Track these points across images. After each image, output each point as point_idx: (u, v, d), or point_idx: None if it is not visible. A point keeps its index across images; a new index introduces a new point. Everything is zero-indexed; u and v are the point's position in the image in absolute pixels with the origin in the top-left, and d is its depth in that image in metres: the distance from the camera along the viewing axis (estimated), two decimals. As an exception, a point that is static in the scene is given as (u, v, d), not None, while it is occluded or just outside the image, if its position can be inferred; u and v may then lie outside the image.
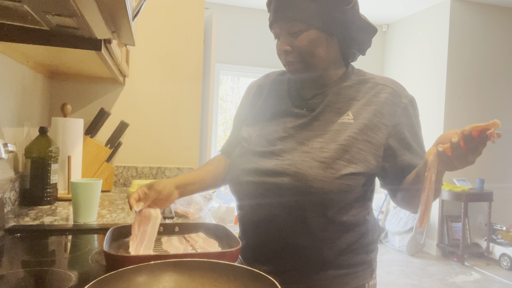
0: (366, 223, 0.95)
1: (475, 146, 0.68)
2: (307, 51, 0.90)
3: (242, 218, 0.99)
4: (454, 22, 4.43)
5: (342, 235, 0.90)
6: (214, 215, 3.85)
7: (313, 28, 0.88)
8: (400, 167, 0.89)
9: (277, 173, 0.88)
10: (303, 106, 0.96)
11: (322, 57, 0.91)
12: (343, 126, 0.89)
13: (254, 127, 1.01)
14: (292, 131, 0.93)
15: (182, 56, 2.11)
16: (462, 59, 4.47)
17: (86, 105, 1.97)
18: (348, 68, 0.97)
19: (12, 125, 1.39)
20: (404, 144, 0.89)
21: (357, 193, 0.89)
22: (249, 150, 0.97)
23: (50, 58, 1.40)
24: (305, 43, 0.89)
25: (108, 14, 0.77)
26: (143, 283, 0.63)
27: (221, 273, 0.66)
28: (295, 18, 0.88)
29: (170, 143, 2.09)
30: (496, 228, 4.28)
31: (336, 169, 0.85)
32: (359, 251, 0.93)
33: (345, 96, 0.93)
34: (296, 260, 0.91)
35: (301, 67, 0.92)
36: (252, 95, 1.08)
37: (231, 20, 4.82)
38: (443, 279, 3.68)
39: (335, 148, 0.87)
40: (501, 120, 4.58)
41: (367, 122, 0.89)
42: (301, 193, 0.85)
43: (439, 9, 4.54)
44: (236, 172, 0.98)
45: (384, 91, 0.92)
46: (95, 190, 1.22)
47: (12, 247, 0.95)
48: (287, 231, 0.89)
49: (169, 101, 2.09)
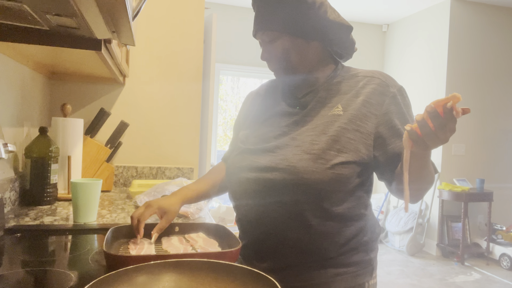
0: (364, 219, 0.95)
1: (442, 123, 0.68)
2: (282, 58, 0.95)
3: (240, 218, 1.00)
4: (454, 22, 4.43)
5: (341, 229, 0.91)
6: (214, 215, 3.85)
7: (286, 35, 0.93)
8: (391, 155, 0.89)
9: (270, 169, 0.90)
10: (296, 104, 0.99)
11: (300, 61, 0.95)
12: (333, 118, 0.92)
13: (250, 129, 1.04)
14: (286, 129, 0.96)
15: (182, 56, 2.11)
16: (462, 59, 4.47)
17: (86, 105, 1.97)
18: (337, 66, 1.00)
19: (12, 125, 1.39)
20: (393, 132, 0.90)
21: (352, 184, 0.90)
22: (245, 149, 1.00)
23: (50, 58, 1.40)
24: (280, 50, 0.94)
25: (108, 14, 0.77)
26: (143, 283, 0.63)
27: (221, 273, 0.66)
28: (268, 27, 0.93)
29: (170, 143, 2.09)
30: (496, 228, 4.28)
31: (327, 159, 0.87)
32: (358, 249, 0.94)
33: (335, 91, 0.96)
34: (296, 255, 0.91)
35: (283, 72, 0.98)
36: (249, 102, 1.13)
37: (231, 20, 4.82)
38: (443, 279, 3.68)
39: (325, 140, 0.89)
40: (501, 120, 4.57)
41: (356, 113, 0.91)
42: (295, 186, 0.87)
43: (439, 9, 4.54)
44: (232, 171, 1.01)
45: (372, 82, 0.94)
46: (95, 190, 1.22)
47: (12, 247, 0.95)
48: (285, 226, 0.90)
49: (169, 101, 2.09)
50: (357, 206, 0.93)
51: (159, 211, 0.96)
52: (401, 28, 5.15)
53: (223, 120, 5.61)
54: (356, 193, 0.92)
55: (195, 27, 2.12)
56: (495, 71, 4.60)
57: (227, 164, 1.08)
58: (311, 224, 0.89)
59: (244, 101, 1.17)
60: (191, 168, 2.10)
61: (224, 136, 5.63)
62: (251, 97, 1.15)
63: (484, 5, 4.53)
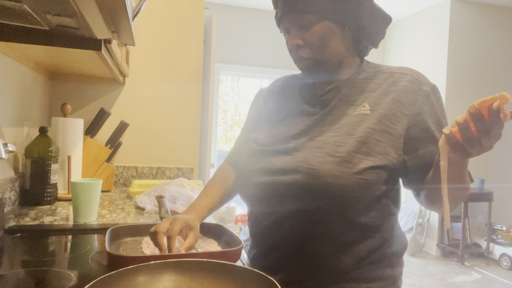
0: (390, 230, 0.85)
1: (487, 127, 0.58)
2: (319, 45, 0.84)
3: (252, 224, 0.92)
4: (454, 22, 4.43)
5: (362, 240, 0.81)
6: (214, 215, 3.85)
7: (325, 20, 0.83)
8: (422, 161, 0.81)
9: (288, 171, 0.82)
10: (316, 103, 0.90)
11: (335, 51, 0.86)
12: (359, 117, 0.83)
13: (265, 129, 0.95)
14: (305, 128, 0.87)
15: (182, 56, 2.11)
16: (462, 59, 4.47)
17: (86, 105, 1.97)
18: (362, 61, 0.92)
19: (12, 125, 1.39)
20: (426, 135, 0.81)
21: (378, 191, 0.80)
22: (259, 151, 0.91)
23: (50, 58, 1.40)
24: (317, 36, 0.83)
25: (108, 14, 0.77)
26: (143, 283, 0.63)
27: (221, 273, 0.65)
28: (306, 9, 0.82)
29: (170, 143, 2.09)
30: (496, 228, 4.28)
31: (354, 163, 0.77)
32: (381, 263, 0.84)
33: (359, 88, 0.87)
34: (311, 268, 0.82)
35: (313, 63, 0.87)
36: (262, 101, 1.04)
37: (231, 20, 4.82)
38: (443, 279, 3.68)
39: (351, 142, 0.80)
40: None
41: (385, 112, 0.81)
42: (316, 191, 0.78)
43: (439, 9, 4.54)
44: (245, 174, 0.92)
45: (403, 79, 0.85)
46: (95, 190, 1.22)
47: (12, 247, 0.95)
48: (301, 235, 0.81)
49: (169, 101, 2.09)
50: (382, 215, 0.83)
51: (186, 225, 0.86)
52: (401, 28, 5.15)
53: (223, 120, 5.61)
54: (382, 201, 0.82)
55: (195, 27, 2.12)
56: (495, 71, 4.60)
57: (238, 167, 0.98)
58: (332, 234, 0.80)
59: (255, 99, 1.07)
60: (191, 168, 2.10)
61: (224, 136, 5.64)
62: (263, 95, 1.05)
63: (484, 5, 4.53)
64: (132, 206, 1.51)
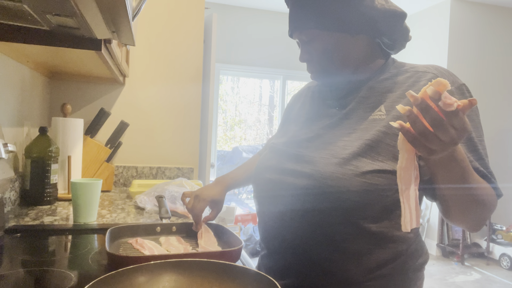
0: (406, 242, 0.79)
1: (436, 118, 0.54)
2: (326, 57, 0.84)
3: (259, 223, 0.93)
4: (454, 22, 4.43)
5: (372, 250, 0.76)
6: (214, 215, 3.84)
7: (327, 32, 0.82)
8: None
9: (295, 173, 0.81)
10: (335, 105, 0.89)
11: (346, 59, 0.84)
12: (373, 123, 0.79)
13: (286, 132, 0.96)
14: (321, 131, 0.86)
15: (182, 56, 2.11)
16: (462, 59, 4.47)
17: (86, 105, 1.97)
18: (387, 60, 0.88)
19: (12, 125, 1.39)
20: None
21: (389, 198, 0.74)
22: (275, 149, 0.92)
23: (50, 58, 1.40)
24: (321, 50, 0.83)
25: (108, 14, 0.77)
26: (143, 283, 0.63)
27: (221, 273, 0.66)
28: (305, 26, 0.83)
29: (170, 143, 2.09)
30: (496, 228, 4.28)
31: (357, 165, 0.74)
32: (394, 278, 0.78)
33: (379, 89, 0.83)
34: (319, 275, 0.79)
35: (322, 75, 0.87)
36: (289, 106, 1.06)
37: (231, 20, 4.82)
38: (443, 279, 3.68)
39: (357, 144, 0.77)
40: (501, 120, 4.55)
41: (400, 115, 0.77)
42: (318, 193, 0.76)
43: (439, 9, 4.54)
44: (259, 168, 0.94)
45: (423, 78, 0.79)
46: (95, 190, 1.22)
47: (12, 247, 0.95)
48: (306, 239, 0.79)
49: (169, 101, 2.09)
50: (397, 226, 0.76)
51: (211, 203, 1.01)
52: (401, 28, 5.15)
53: (223, 120, 5.61)
54: (397, 210, 0.76)
55: (195, 27, 2.12)
56: (495, 71, 4.60)
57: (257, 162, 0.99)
58: (334, 238, 0.76)
59: (287, 106, 1.09)
60: (191, 168, 2.10)
61: (224, 136, 5.64)
62: (292, 100, 1.07)
63: (484, 5, 4.53)
64: (132, 206, 1.51)
